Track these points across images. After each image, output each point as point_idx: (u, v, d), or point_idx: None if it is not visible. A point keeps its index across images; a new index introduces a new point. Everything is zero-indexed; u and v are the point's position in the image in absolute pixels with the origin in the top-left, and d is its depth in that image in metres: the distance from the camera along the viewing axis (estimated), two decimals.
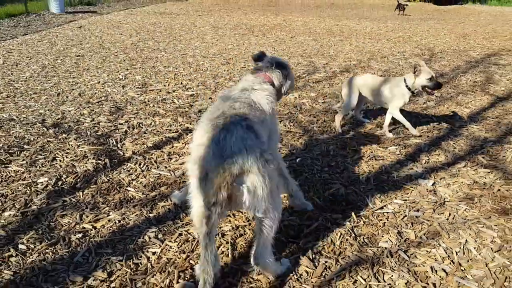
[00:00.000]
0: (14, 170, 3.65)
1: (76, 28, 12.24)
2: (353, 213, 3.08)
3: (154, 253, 2.66)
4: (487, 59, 8.60)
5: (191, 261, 2.59)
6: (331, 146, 4.21)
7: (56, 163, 3.79)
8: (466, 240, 2.81)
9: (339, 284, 2.41)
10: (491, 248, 2.73)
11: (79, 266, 2.53)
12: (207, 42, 10.50)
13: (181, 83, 6.61)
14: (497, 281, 2.45)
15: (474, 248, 2.74)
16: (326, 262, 2.59)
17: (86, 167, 3.73)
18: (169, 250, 2.69)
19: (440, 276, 2.49)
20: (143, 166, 3.80)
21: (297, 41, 10.79)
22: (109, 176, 3.59)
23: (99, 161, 3.84)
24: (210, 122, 2.26)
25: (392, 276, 2.48)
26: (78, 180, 3.52)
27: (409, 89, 4.35)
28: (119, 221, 2.97)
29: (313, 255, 2.64)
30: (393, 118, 4.58)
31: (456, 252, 2.69)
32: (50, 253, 2.63)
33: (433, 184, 3.53)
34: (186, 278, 2.44)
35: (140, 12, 17.60)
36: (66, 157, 3.90)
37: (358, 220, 3.02)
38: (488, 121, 5.02)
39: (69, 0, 18.73)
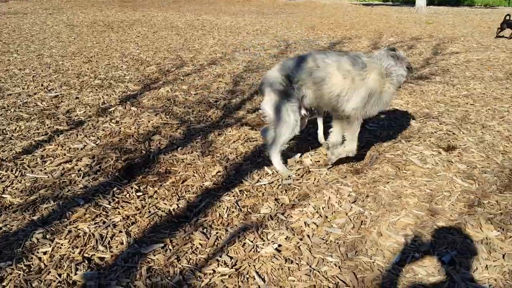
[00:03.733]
0: None
1: None
2: (236, 189, 3.41)
3: (45, 253, 2.63)
4: (333, 47, 9.75)
5: (85, 254, 2.63)
6: (209, 134, 4.49)
7: None
8: (329, 197, 3.34)
9: (231, 248, 2.71)
10: (349, 201, 3.30)
11: None
12: (64, 41, 9.90)
13: (42, 85, 6.23)
14: (355, 225, 3.00)
15: (336, 202, 3.28)
16: (217, 233, 2.86)
17: None
18: (60, 248, 2.68)
19: (312, 228, 2.95)
20: (16, 172, 3.60)
21: (160, 36, 10.81)
22: None
23: None
24: None
25: (274, 234, 2.87)
26: None
27: None
28: (0, 228, 2.84)
29: (205, 229, 2.90)
30: None
31: (323, 208, 3.20)
32: None
33: (300, 156, 4.04)
34: (84, 270, 2.49)
35: None
36: None
37: (241, 194, 3.35)
38: None
39: None
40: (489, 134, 4.57)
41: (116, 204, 3.18)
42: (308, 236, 2.87)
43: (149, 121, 4.81)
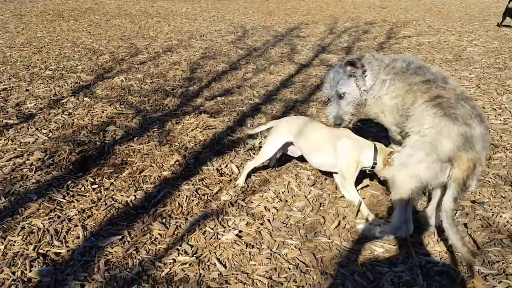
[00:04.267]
0: None
1: None
2: (195, 177, 3.38)
3: None
4: (290, 32, 9.77)
5: (40, 251, 2.54)
6: (166, 123, 4.41)
7: None
8: (289, 181, 3.38)
9: (191, 237, 2.70)
10: (308, 184, 3.35)
11: None
12: (11, 31, 9.41)
13: None
14: (314, 207, 3.05)
15: (296, 186, 3.32)
16: (176, 222, 2.84)
17: None
18: (13, 245, 2.58)
19: (272, 213, 2.97)
20: None
21: (113, 24, 10.47)
22: None
23: None
24: None
25: (234, 221, 2.87)
26: None
27: None
28: None
29: (164, 219, 2.86)
30: None
31: (283, 192, 3.23)
32: None
33: (260, 142, 4.05)
34: (39, 267, 2.41)
35: None
36: None
37: (201, 183, 3.33)
38: (295, 85, 5.85)
39: None
40: None
41: (71, 198, 3.08)
42: (269, 220, 2.90)
43: (103, 112, 4.67)
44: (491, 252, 2.59)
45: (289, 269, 2.45)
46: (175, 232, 2.74)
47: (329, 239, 2.70)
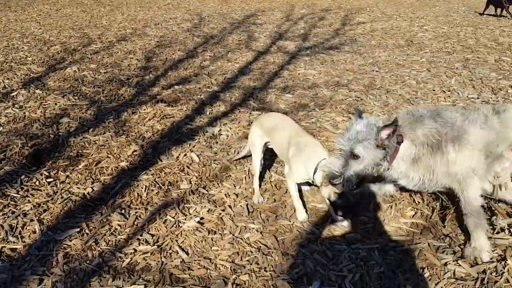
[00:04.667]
0: None
1: None
2: (154, 167, 3.35)
3: None
4: (247, 19, 9.75)
5: None
6: (122, 113, 4.33)
7: None
8: (249, 168, 3.40)
9: (152, 226, 2.69)
10: (268, 169, 3.39)
11: None
12: None
13: None
14: (275, 192, 3.10)
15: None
16: (136, 212, 2.81)
17: None
18: None
19: (233, 199, 3.00)
20: None
21: (64, 13, 10.07)
22: None
23: None
24: None
25: (196, 208, 2.88)
26: None
27: None
28: None
29: (123, 210, 2.83)
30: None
31: (244, 178, 3.26)
32: None
33: (219, 131, 4.05)
34: None
35: None
36: None
37: (160, 172, 3.30)
38: (254, 72, 5.87)
39: None
40: (392, 97, 4.91)
41: (25, 193, 2.99)
42: (230, 206, 2.92)
43: (56, 104, 4.52)
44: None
45: (251, 252, 2.50)
46: (135, 222, 2.72)
47: (290, 221, 2.76)
